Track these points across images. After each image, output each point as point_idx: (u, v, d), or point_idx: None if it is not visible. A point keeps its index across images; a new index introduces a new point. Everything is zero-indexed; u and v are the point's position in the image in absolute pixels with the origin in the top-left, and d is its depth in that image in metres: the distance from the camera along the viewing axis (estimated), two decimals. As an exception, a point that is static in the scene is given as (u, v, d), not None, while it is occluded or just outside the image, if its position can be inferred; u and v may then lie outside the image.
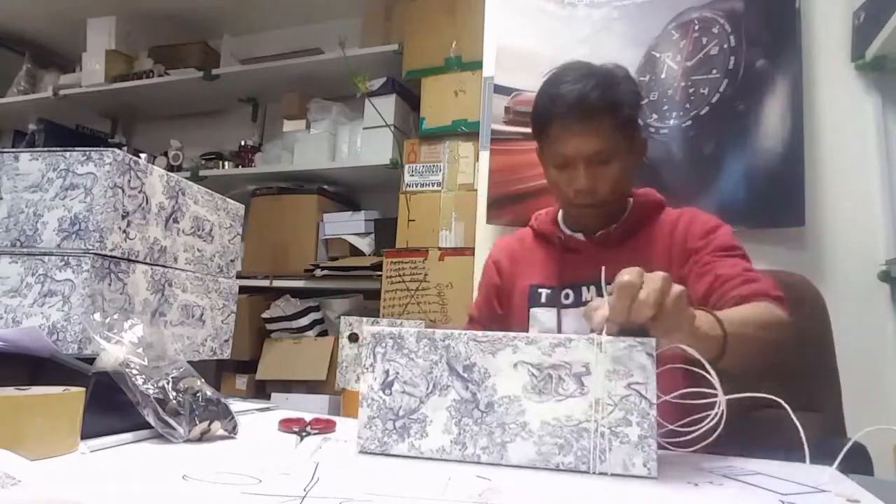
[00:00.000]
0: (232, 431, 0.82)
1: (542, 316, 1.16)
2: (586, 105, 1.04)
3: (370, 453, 0.73)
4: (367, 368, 0.74)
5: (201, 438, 0.78)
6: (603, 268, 0.74)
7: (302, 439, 0.83)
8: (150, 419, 0.76)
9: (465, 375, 0.69)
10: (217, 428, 0.80)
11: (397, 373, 0.72)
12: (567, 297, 1.15)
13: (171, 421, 0.76)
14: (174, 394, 0.78)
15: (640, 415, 0.64)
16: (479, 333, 0.71)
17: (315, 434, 0.86)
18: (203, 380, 0.84)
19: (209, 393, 0.81)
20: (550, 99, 1.09)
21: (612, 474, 0.65)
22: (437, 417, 0.70)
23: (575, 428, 0.66)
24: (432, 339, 0.71)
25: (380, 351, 0.73)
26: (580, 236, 1.18)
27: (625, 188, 1.15)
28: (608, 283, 0.69)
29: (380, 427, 0.72)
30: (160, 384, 0.78)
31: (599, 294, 1.00)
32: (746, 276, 0.99)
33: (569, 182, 1.09)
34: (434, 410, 0.70)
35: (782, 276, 1.27)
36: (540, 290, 1.18)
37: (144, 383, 0.77)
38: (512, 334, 0.70)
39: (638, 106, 1.12)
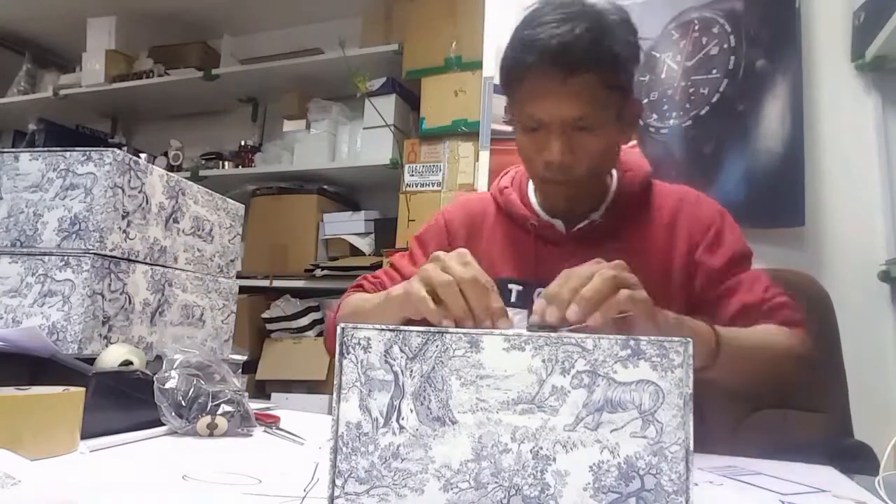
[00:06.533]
0: (246, 426, 0.83)
1: (513, 318, 0.96)
2: (568, 58, 0.83)
3: None
4: None
5: (211, 434, 0.79)
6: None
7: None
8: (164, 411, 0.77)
9: None
10: (224, 424, 0.81)
11: None
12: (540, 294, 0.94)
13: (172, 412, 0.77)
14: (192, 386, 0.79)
15: None
16: None
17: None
18: (230, 375, 0.85)
19: (228, 391, 0.82)
20: (523, 44, 0.87)
21: None
22: None
23: None
24: None
25: None
26: (559, 224, 0.99)
27: (609, 163, 0.97)
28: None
29: None
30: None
31: None
32: (772, 302, 0.90)
33: (539, 151, 0.90)
34: None
35: (788, 274, 1.27)
36: (511, 285, 0.97)
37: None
38: None
39: (635, 60, 0.91)
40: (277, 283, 2.59)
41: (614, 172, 1.01)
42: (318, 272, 2.48)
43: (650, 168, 1.03)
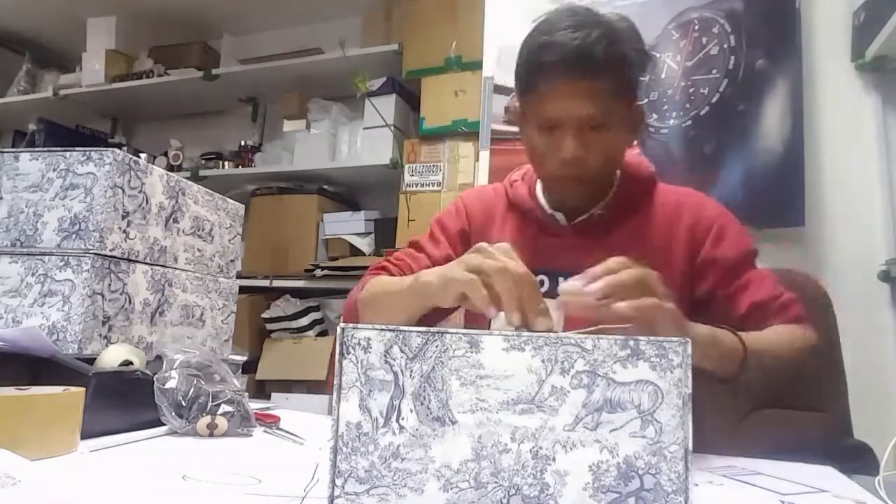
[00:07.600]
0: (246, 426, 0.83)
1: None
2: (586, 59, 0.87)
3: None
4: None
5: (212, 434, 0.79)
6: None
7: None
8: (164, 409, 0.77)
9: None
10: (224, 424, 0.81)
11: None
12: (542, 284, 0.97)
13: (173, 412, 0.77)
14: (192, 386, 0.79)
15: None
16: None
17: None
18: (230, 375, 0.85)
19: (228, 391, 0.82)
20: (541, 47, 0.91)
21: None
22: None
23: None
24: None
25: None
26: (561, 218, 1.03)
27: (616, 162, 1.00)
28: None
29: None
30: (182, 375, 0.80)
31: None
32: (781, 300, 0.93)
33: (554, 150, 0.93)
34: None
35: (785, 273, 1.27)
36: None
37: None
38: None
39: (643, 66, 0.96)
40: (277, 283, 2.59)
41: (618, 172, 1.04)
42: (318, 272, 2.48)
43: (654, 170, 1.07)
